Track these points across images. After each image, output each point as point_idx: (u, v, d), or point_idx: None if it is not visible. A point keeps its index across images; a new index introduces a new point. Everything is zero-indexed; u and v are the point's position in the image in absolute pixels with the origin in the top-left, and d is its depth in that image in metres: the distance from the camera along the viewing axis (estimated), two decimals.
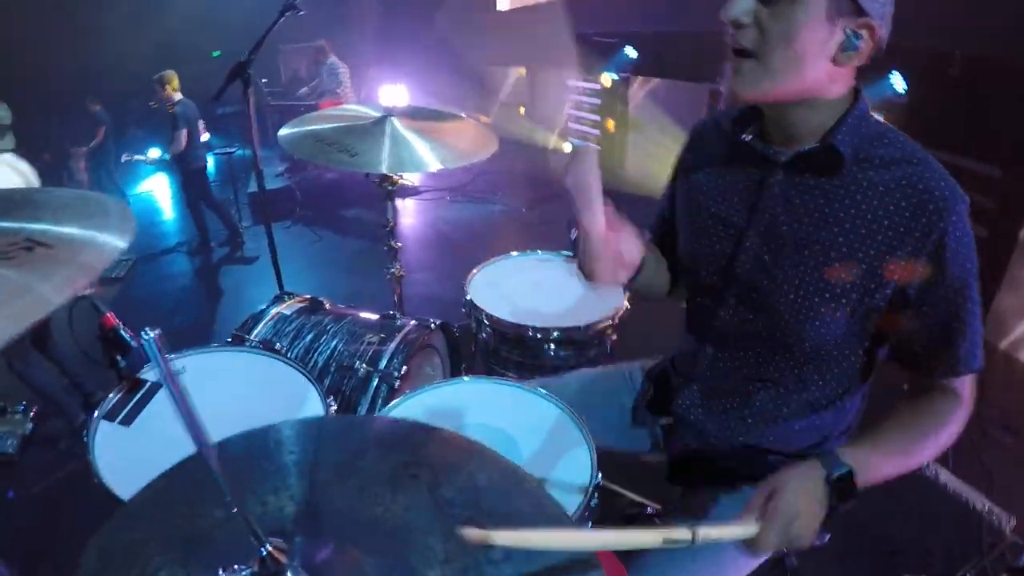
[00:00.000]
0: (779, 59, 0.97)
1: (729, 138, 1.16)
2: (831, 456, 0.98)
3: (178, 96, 5.01)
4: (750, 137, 1.12)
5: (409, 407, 1.44)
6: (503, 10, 8.10)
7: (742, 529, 0.94)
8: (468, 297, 1.96)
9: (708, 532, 0.85)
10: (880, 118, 1.07)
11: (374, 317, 2.04)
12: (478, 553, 0.64)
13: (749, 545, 0.94)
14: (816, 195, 1.06)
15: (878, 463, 1.00)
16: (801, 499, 0.93)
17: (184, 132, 4.92)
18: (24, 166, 2.97)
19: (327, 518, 0.70)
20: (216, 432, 0.57)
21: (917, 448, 1.06)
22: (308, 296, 2.14)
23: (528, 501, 0.74)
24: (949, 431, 1.06)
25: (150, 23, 8.38)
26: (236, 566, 0.59)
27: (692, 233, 1.25)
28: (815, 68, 0.98)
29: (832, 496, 0.95)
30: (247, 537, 0.59)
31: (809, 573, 1.95)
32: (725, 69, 1.04)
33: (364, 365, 1.82)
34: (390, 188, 2.09)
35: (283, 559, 0.58)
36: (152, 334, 0.47)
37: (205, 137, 5.53)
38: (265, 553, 0.58)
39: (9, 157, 2.89)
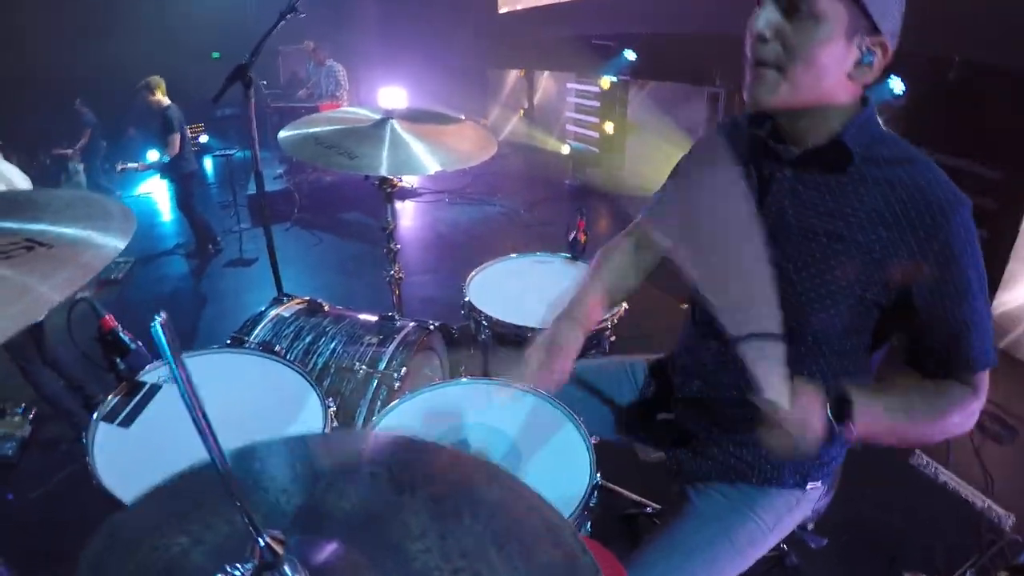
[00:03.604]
0: (799, 72, 1.02)
1: (744, 136, 1.21)
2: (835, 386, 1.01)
3: (167, 101, 4.98)
4: (763, 133, 1.16)
5: (408, 408, 1.44)
6: (503, 12, 8.11)
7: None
8: (467, 298, 1.96)
9: None
10: (880, 122, 1.11)
11: (373, 319, 2.04)
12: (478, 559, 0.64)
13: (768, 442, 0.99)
14: (822, 189, 1.10)
15: (879, 413, 1.02)
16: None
17: (177, 136, 4.89)
18: (11, 169, 2.87)
19: (326, 520, 0.70)
20: (216, 434, 0.57)
21: (921, 417, 1.07)
22: (307, 298, 2.14)
23: (528, 510, 0.74)
24: (960, 414, 1.07)
25: (149, 24, 8.40)
26: (236, 564, 0.59)
27: None
28: (831, 81, 1.03)
29: (831, 410, 0.99)
30: (241, 542, 0.59)
31: (809, 571, 1.96)
32: (745, 76, 1.08)
33: (363, 367, 1.82)
34: (389, 190, 2.10)
35: (280, 550, 0.58)
36: (161, 316, 0.46)
37: (204, 139, 5.52)
38: (263, 544, 0.58)
39: None
